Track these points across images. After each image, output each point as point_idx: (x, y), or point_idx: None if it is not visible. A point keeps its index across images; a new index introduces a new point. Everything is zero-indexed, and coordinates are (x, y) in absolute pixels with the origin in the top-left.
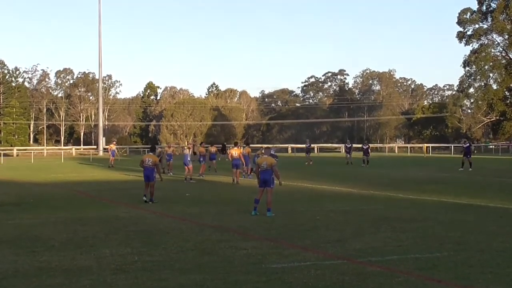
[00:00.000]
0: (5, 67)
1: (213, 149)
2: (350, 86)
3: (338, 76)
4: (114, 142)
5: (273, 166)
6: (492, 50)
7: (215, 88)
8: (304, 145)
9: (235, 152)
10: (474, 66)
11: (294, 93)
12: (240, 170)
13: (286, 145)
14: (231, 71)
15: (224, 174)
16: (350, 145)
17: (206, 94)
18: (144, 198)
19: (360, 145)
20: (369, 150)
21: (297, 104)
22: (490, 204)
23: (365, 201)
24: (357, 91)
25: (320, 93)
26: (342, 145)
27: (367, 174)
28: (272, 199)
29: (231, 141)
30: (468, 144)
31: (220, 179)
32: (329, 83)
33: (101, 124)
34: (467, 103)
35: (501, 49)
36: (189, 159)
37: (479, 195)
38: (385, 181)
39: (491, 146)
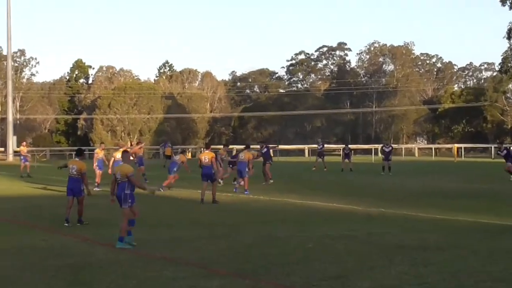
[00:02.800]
0: None
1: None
2: (353, 65)
3: (337, 52)
4: (25, 144)
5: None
6: None
7: (168, 69)
8: (315, 146)
9: (205, 157)
10: None
11: (277, 75)
12: (216, 182)
13: (302, 146)
14: (191, 46)
15: (191, 187)
16: (349, 150)
17: (156, 77)
18: (66, 223)
19: (378, 146)
20: (391, 154)
21: (281, 90)
22: None
23: (373, 223)
24: (362, 72)
25: (312, 75)
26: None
27: (377, 185)
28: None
29: (192, 140)
30: (505, 150)
31: (183, 194)
32: (325, 62)
33: (10, 118)
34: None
35: None
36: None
37: None
38: (401, 195)
39: None
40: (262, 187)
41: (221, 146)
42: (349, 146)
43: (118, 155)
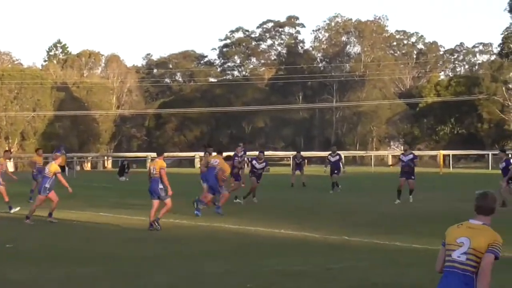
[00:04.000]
0: None
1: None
2: (307, 46)
3: (286, 29)
4: None
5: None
6: None
7: (61, 51)
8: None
9: (153, 166)
10: None
11: (207, 59)
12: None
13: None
14: (90, 21)
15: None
16: (301, 159)
17: (45, 62)
18: None
19: (326, 154)
20: (342, 164)
21: (212, 80)
22: None
23: (334, 255)
24: (319, 55)
25: (253, 60)
26: (292, 154)
27: (338, 206)
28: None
29: (92, 146)
30: (504, 163)
31: (86, 218)
32: (270, 42)
33: None
34: None
35: None
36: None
37: None
38: (371, 218)
39: None
40: (185, 210)
41: (128, 155)
42: (302, 153)
43: None
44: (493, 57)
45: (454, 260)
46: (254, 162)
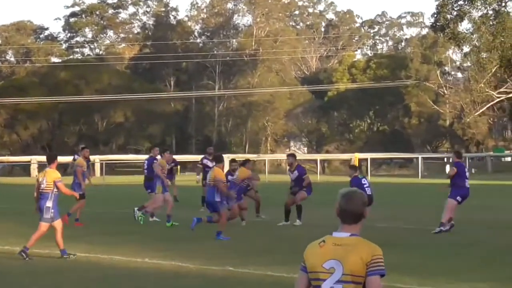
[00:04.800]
0: None
1: None
2: (181, 16)
3: None
4: None
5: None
6: None
7: None
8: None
9: (43, 178)
10: None
11: (47, 32)
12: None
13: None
14: None
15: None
16: (173, 164)
17: None
18: None
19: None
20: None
21: (55, 60)
22: None
23: None
24: (197, 28)
25: (110, 33)
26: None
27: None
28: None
29: None
30: (455, 167)
31: None
32: (132, 10)
33: None
34: (454, 56)
35: None
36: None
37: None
38: (263, 243)
39: (508, 158)
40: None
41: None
42: (174, 156)
43: None
44: (424, 31)
45: None
46: (205, 161)
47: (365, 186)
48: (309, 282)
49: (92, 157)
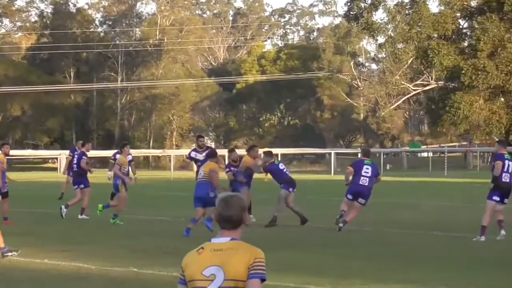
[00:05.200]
0: None
1: None
2: (81, 3)
3: None
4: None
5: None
6: None
7: None
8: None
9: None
10: None
11: None
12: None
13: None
14: None
15: None
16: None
17: None
18: None
19: (110, 153)
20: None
21: None
22: None
23: None
24: (98, 16)
25: (5, 21)
26: (58, 153)
27: (126, 227)
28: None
29: None
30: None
31: None
32: None
33: None
34: (368, 47)
35: None
36: None
37: None
38: (170, 243)
39: (424, 154)
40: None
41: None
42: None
43: None
44: (337, 21)
45: None
46: (194, 153)
47: (284, 171)
48: None
49: None
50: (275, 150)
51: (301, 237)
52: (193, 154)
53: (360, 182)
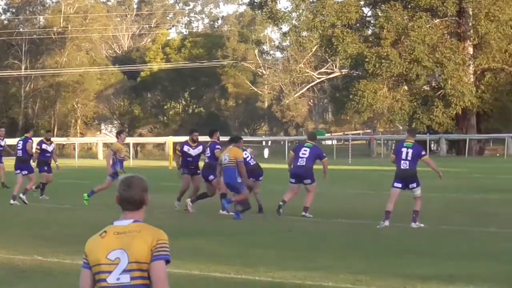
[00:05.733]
0: None
1: None
2: None
3: None
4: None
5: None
6: None
7: None
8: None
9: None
10: None
11: None
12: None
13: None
14: None
15: None
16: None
17: None
18: None
19: (14, 141)
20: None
21: None
22: None
23: (15, 281)
24: (2, 3)
25: None
26: None
27: (32, 215)
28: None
29: None
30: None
31: None
32: None
33: None
34: (273, 35)
35: None
36: None
37: None
38: (73, 231)
39: (328, 142)
40: None
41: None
42: None
43: None
44: (241, 9)
45: (113, 286)
46: (186, 148)
47: (247, 159)
48: (94, 279)
49: None
50: (179, 139)
51: (207, 225)
52: (185, 148)
53: (298, 164)
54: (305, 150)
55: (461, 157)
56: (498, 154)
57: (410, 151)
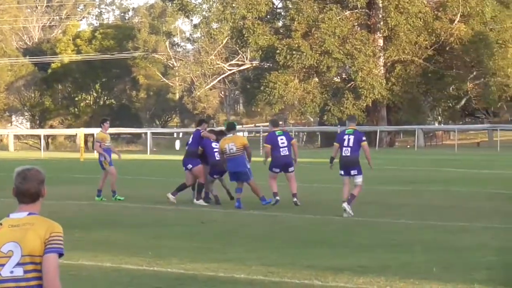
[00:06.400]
0: None
1: None
2: None
3: None
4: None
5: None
6: None
7: None
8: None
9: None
10: None
11: None
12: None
13: None
14: None
15: None
16: None
17: None
18: None
19: None
20: None
21: None
22: None
23: None
24: None
25: None
26: None
27: None
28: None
29: None
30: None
31: None
32: None
33: None
34: (184, 27)
35: None
36: None
37: None
38: None
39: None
40: None
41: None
42: None
43: None
44: (152, 0)
45: (6, 280)
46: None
47: (214, 151)
48: None
49: None
50: (90, 130)
51: (117, 216)
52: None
53: (282, 154)
54: (282, 139)
55: (372, 149)
56: (408, 146)
57: (352, 137)
